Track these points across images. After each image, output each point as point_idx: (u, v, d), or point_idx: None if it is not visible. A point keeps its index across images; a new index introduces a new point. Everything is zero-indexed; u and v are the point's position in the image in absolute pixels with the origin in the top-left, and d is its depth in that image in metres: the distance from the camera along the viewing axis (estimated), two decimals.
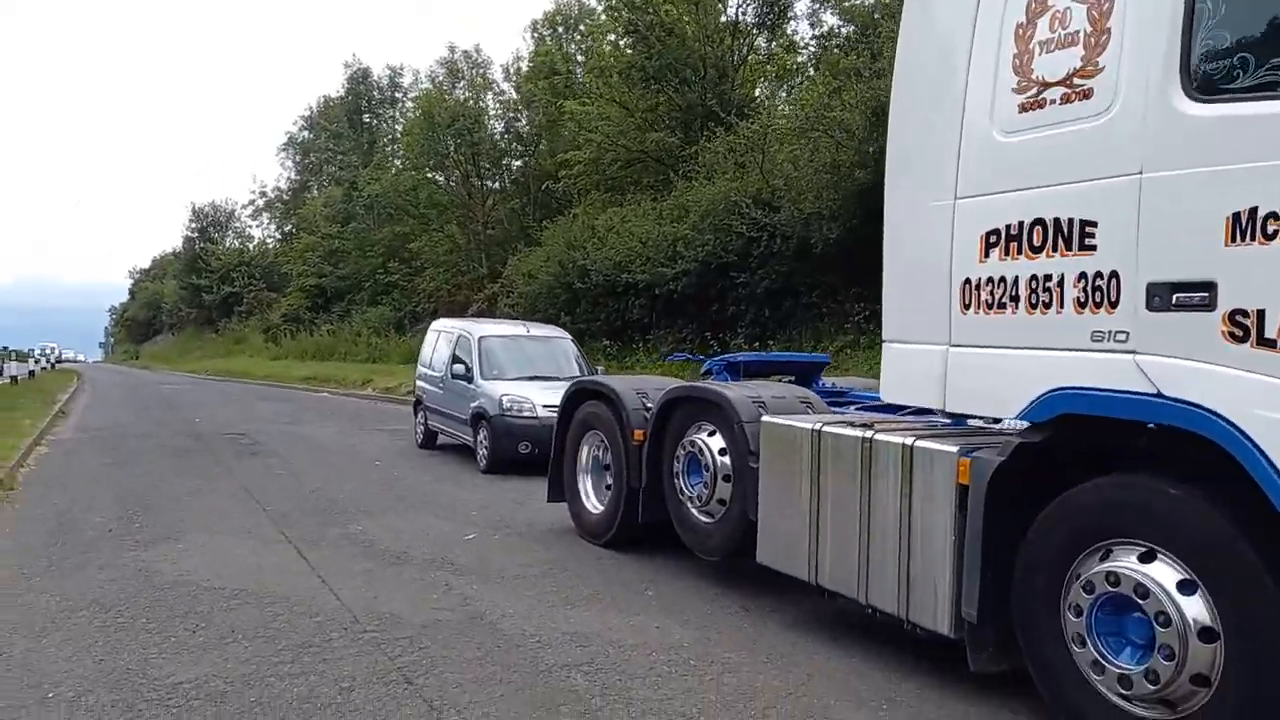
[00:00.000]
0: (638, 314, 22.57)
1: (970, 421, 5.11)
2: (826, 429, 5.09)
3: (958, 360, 4.43)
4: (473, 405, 11.91)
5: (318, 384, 31.00)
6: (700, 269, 19.65)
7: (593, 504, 7.67)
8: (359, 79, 57.25)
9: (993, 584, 4.06)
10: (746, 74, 27.21)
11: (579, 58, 35.30)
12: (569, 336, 13.67)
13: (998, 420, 4.75)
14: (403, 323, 41.67)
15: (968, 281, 4.33)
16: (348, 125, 56.74)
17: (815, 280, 18.02)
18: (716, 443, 6.11)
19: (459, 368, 12.29)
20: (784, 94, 27.02)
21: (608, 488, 7.53)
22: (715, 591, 6.10)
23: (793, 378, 7.86)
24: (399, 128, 52.43)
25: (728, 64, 26.05)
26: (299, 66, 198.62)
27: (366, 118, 57.64)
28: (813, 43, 26.97)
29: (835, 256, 16.94)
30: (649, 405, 6.97)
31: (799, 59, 27.35)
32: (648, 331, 22.88)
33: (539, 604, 5.76)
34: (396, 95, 57.15)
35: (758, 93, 28.13)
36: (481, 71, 42.90)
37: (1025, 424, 4.17)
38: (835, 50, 23.59)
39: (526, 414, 11.23)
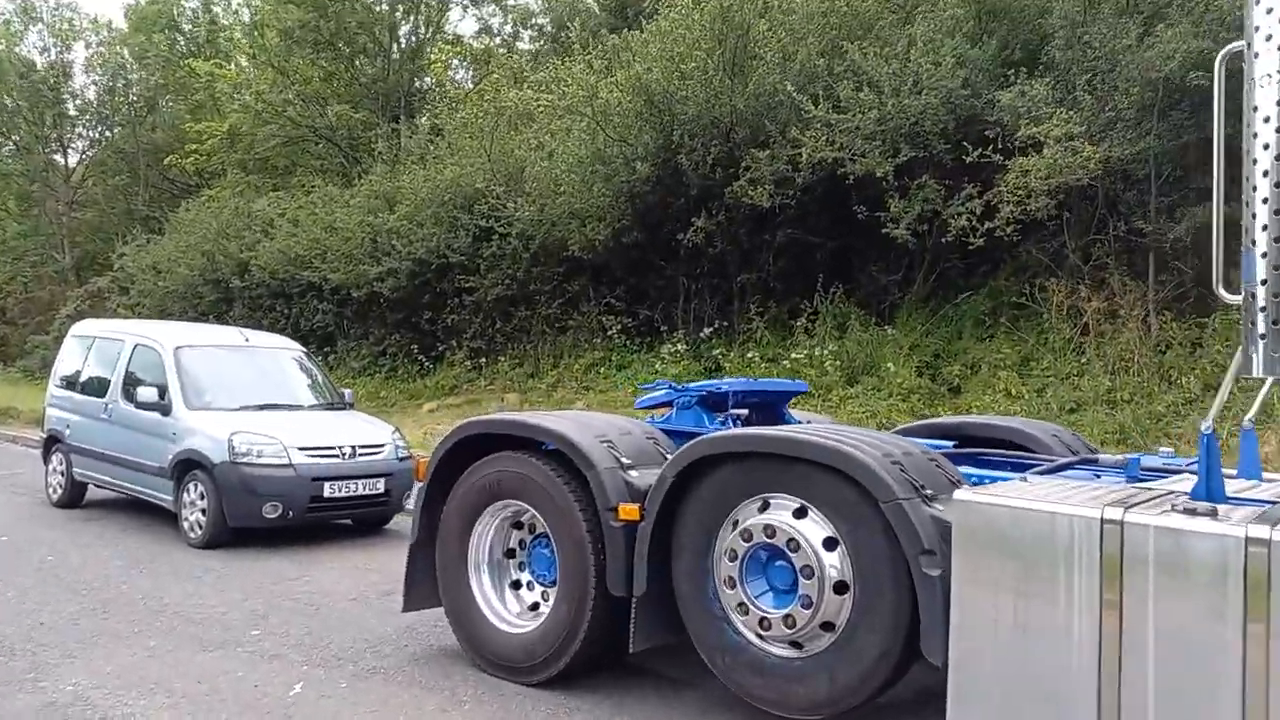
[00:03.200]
0: (320, 320, 18.70)
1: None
2: (1135, 518, 3.03)
3: None
4: (174, 449, 8.07)
5: None
6: (414, 268, 16.51)
7: (505, 619, 4.86)
8: None
9: None
10: (439, 53, 24.21)
11: (216, 10, 29.57)
12: (302, 349, 10.09)
13: None
14: None
15: None
16: None
17: (559, 288, 15.84)
18: (814, 530, 3.79)
19: (146, 393, 8.31)
20: (473, 79, 24.37)
21: (529, 590, 4.86)
22: None
23: (746, 412, 5.68)
24: None
25: (420, 39, 22.93)
26: None
27: None
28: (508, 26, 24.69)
29: (590, 262, 14.92)
30: (626, 463, 4.43)
31: (493, 42, 24.86)
32: (332, 343, 19.09)
33: None
34: None
35: (456, 75, 25.23)
36: (69, 15, 34.68)
37: None
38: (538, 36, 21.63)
39: (272, 460, 7.74)
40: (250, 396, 8.62)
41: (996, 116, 10.20)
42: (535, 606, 4.82)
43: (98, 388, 9.25)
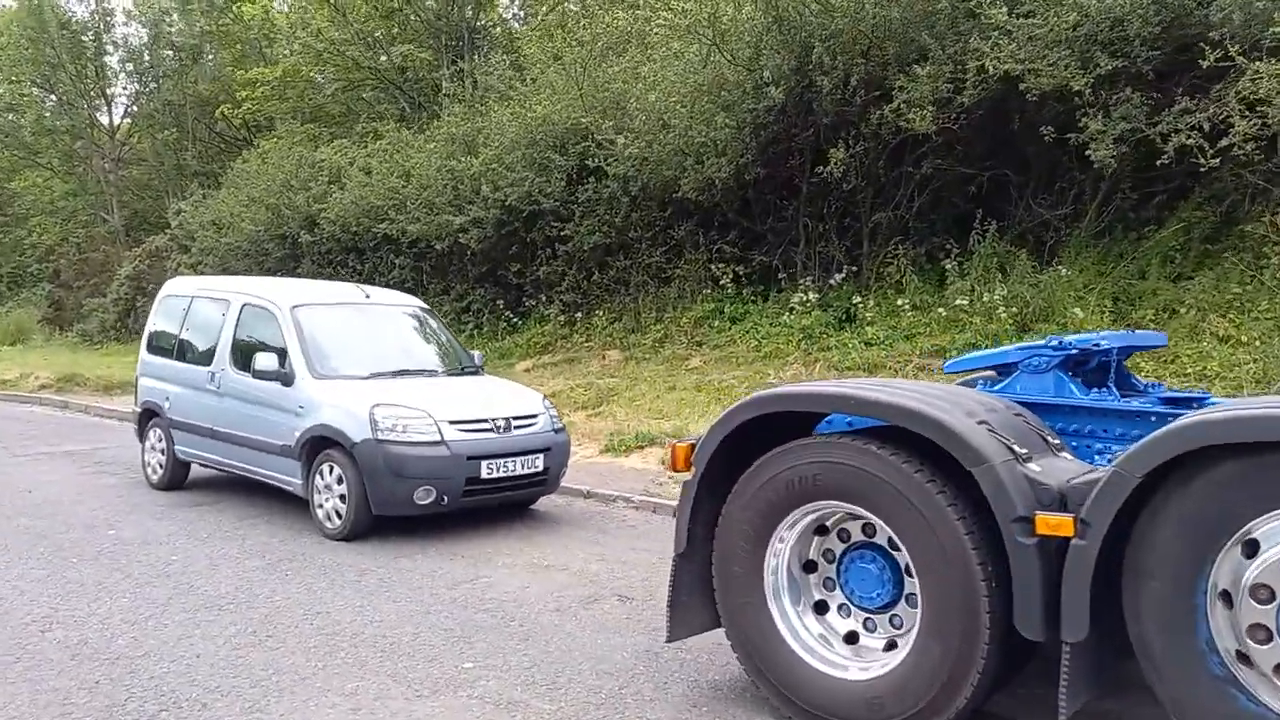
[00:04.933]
0: (397, 275, 17.51)
1: None
2: None
3: None
4: (302, 425, 6.93)
5: None
6: (501, 216, 15.20)
7: (826, 659, 3.64)
8: None
9: None
10: None
11: None
12: (425, 306, 8.87)
13: None
14: None
15: None
16: None
17: (662, 234, 14.47)
18: None
19: (263, 360, 7.13)
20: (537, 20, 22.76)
21: (841, 616, 3.72)
22: None
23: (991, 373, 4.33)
24: None
25: None
26: None
27: None
28: None
29: (698, 204, 13.51)
30: (1022, 453, 3.17)
31: None
32: None
33: None
34: None
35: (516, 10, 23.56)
36: None
37: None
38: None
39: (423, 437, 6.57)
40: (381, 362, 7.43)
41: (1225, 13, 8.60)
42: (889, 645, 3.59)
43: (201, 354, 8.12)
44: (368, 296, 8.20)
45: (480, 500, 6.83)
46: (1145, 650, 2.90)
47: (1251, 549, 2.72)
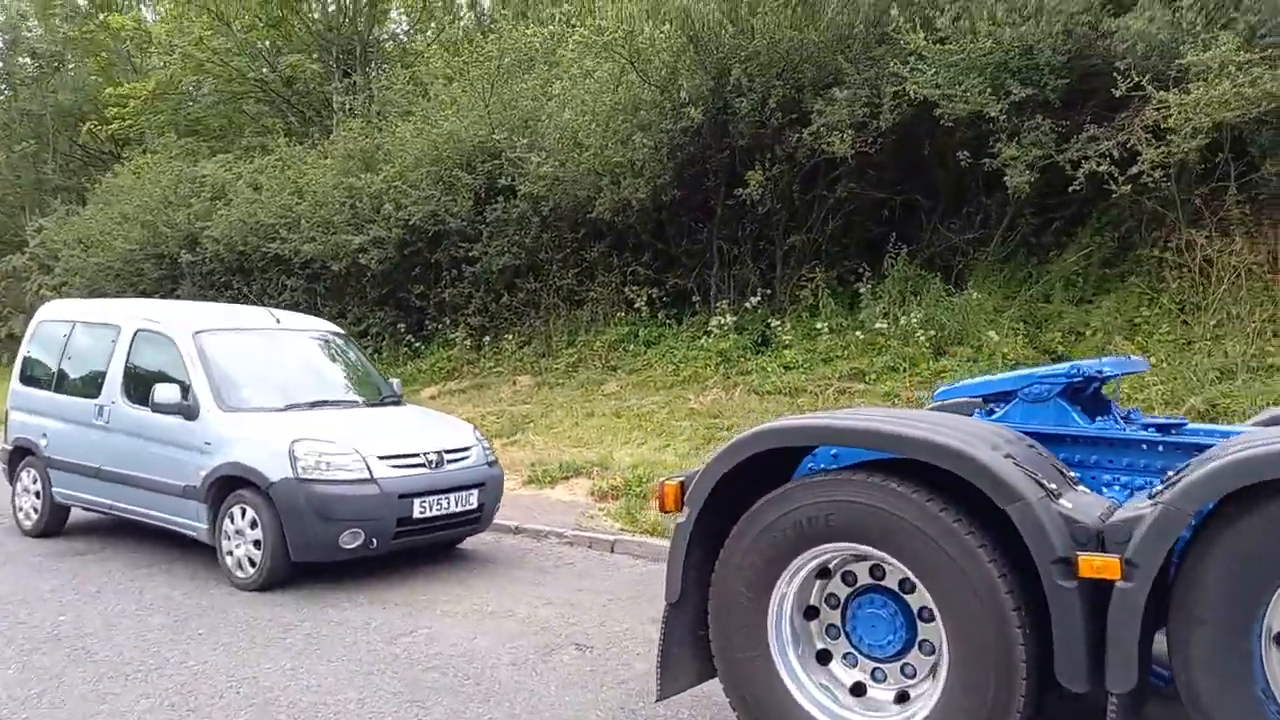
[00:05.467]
0: (288, 298, 16.60)
1: None
2: None
3: None
4: (209, 463, 6.28)
5: None
6: (404, 236, 14.59)
7: (844, 717, 3.38)
8: None
9: None
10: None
11: None
12: (340, 331, 8.27)
13: None
14: None
15: None
16: None
17: (574, 256, 14.15)
18: None
19: (164, 392, 6.43)
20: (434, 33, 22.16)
21: (846, 666, 3.48)
22: None
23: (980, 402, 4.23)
24: None
25: None
26: None
27: None
28: None
29: (611, 226, 13.27)
30: (1052, 489, 3.02)
31: None
32: None
33: None
34: None
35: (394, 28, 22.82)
36: None
37: None
38: None
39: (350, 475, 6.04)
40: (297, 393, 6.84)
41: (1128, 45, 8.94)
42: (900, 697, 3.35)
43: (85, 386, 7.32)
44: (278, 321, 7.56)
45: (411, 542, 6.34)
46: (1195, 700, 2.75)
47: None
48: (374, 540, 6.04)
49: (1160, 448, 3.55)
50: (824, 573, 3.54)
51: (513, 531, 7.95)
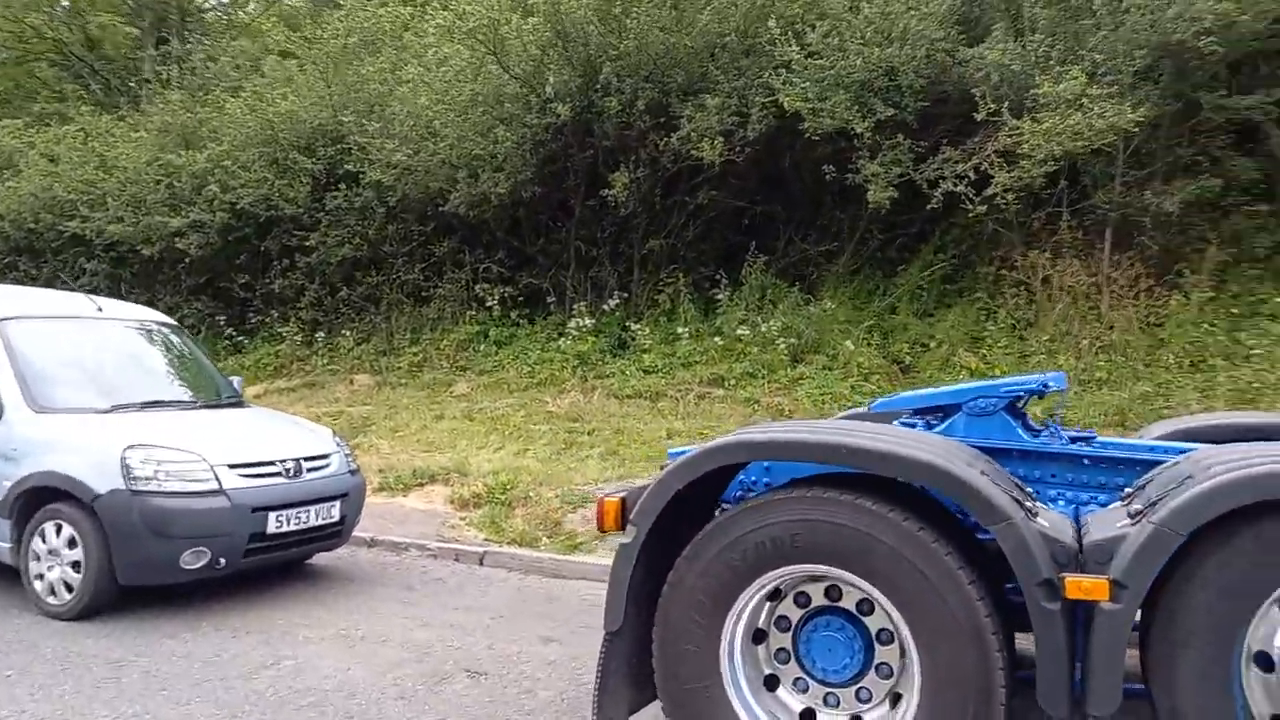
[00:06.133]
0: (88, 283, 14.86)
1: None
2: None
3: None
4: (14, 474, 5.34)
5: None
6: (230, 221, 13.36)
7: None
8: None
9: None
10: None
11: None
12: (173, 323, 7.30)
13: None
14: None
15: None
16: None
17: (421, 250, 13.42)
18: None
19: None
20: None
21: (795, 692, 3.28)
22: None
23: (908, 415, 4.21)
24: None
25: None
26: None
27: None
28: None
29: (464, 221, 12.68)
30: (1030, 508, 2.94)
31: None
32: None
33: None
34: None
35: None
36: None
37: None
38: None
39: (194, 486, 5.28)
40: (125, 392, 5.96)
41: (983, 74, 9.36)
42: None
43: None
44: (100, 309, 6.58)
45: (265, 560, 5.65)
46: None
47: None
48: (222, 559, 5.32)
49: (1104, 463, 3.55)
50: (774, 594, 3.30)
51: (368, 544, 7.32)
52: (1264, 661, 2.61)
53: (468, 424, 10.87)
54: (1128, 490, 3.23)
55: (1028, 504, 2.98)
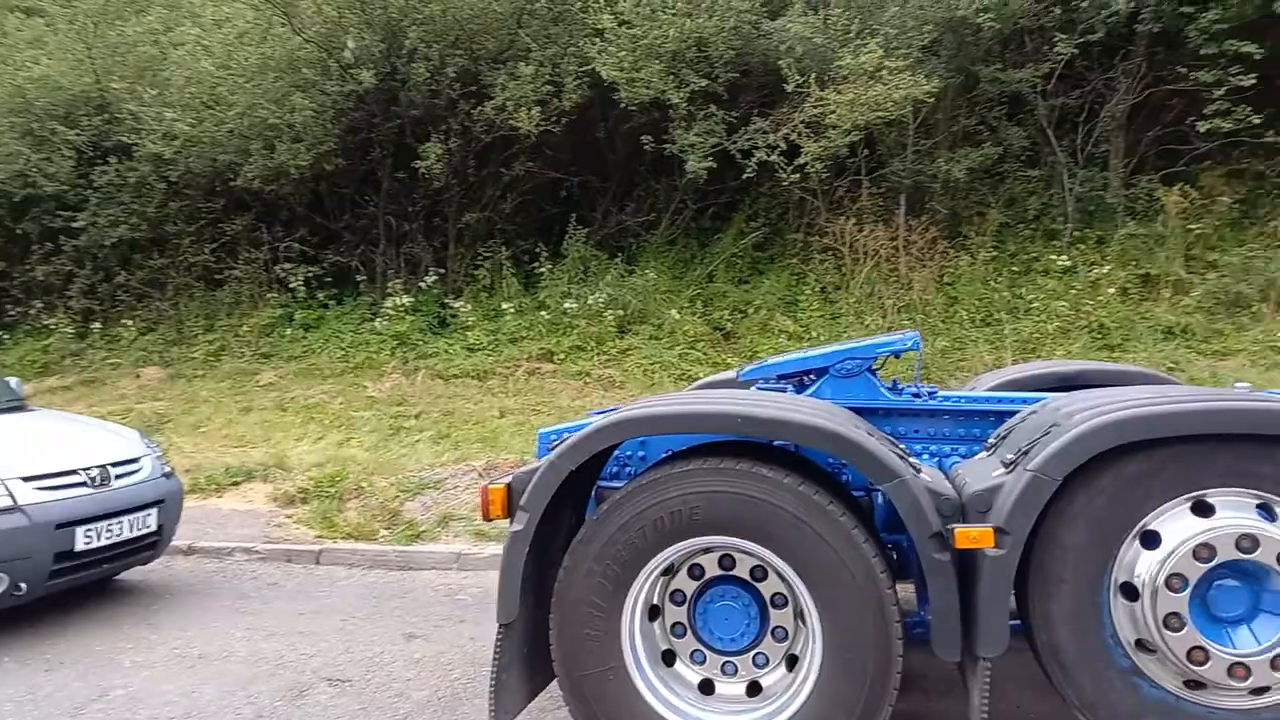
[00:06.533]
0: None
1: None
2: None
3: None
4: None
5: None
6: None
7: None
8: None
9: None
10: None
11: None
12: None
13: None
14: None
15: None
16: None
17: (210, 229, 12.37)
18: None
19: None
20: None
21: (693, 665, 3.27)
22: None
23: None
24: None
25: None
26: None
27: None
28: None
29: (260, 197, 11.79)
30: (915, 464, 3.09)
31: None
32: None
33: None
34: None
35: None
36: None
37: None
38: None
39: None
40: None
41: (787, 46, 9.68)
42: (751, 689, 3.19)
43: None
44: None
45: (74, 581, 5.04)
46: (1056, 655, 2.91)
47: (1149, 540, 2.86)
48: (23, 585, 4.69)
49: (961, 417, 3.77)
50: (668, 569, 3.28)
51: (185, 552, 6.71)
52: (1129, 591, 2.85)
53: (280, 415, 10.19)
54: (990, 440, 3.44)
55: (913, 461, 3.10)
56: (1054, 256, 10.50)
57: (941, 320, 10.26)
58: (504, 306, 11.23)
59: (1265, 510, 2.80)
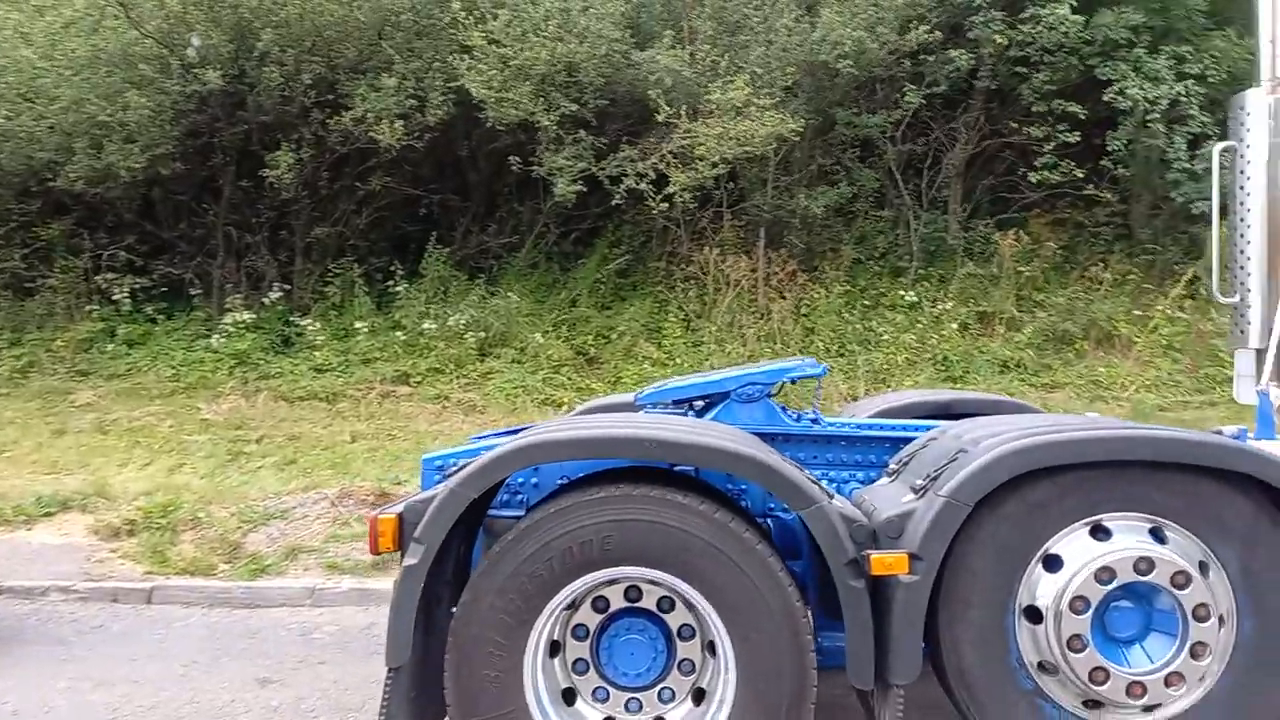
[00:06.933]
0: None
1: None
2: None
3: None
4: None
5: None
6: None
7: None
8: None
9: None
10: None
11: None
12: None
13: None
14: None
15: None
16: None
17: (20, 234, 11.20)
18: (1186, 553, 2.90)
19: None
20: None
21: (595, 703, 3.10)
22: None
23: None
24: None
25: None
26: None
27: None
28: None
29: (83, 200, 10.79)
30: (827, 489, 3.07)
31: None
32: None
33: None
34: None
35: None
36: None
37: None
38: None
39: None
40: None
41: (656, 77, 9.75)
42: None
43: None
44: None
45: None
46: (964, 680, 2.93)
47: (1051, 564, 2.92)
48: None
49: (859, 443, 3.79)
50: (570, 604, 3.11)
51: None
52: (1033, 614, 2.91)
53: (101, 438, 9.28)
54: (891, 466, 3.47)
55: (822, 486, 3.07)
56: (901, 292, 11.02)
57: (799, 350, 10.52)
58: (356, 325, 10.70)
59: (1156, 534, 2.93)
